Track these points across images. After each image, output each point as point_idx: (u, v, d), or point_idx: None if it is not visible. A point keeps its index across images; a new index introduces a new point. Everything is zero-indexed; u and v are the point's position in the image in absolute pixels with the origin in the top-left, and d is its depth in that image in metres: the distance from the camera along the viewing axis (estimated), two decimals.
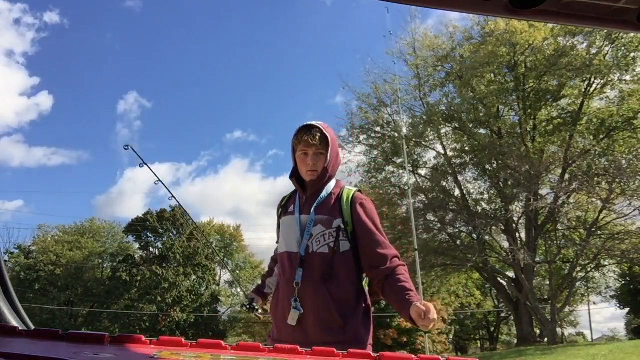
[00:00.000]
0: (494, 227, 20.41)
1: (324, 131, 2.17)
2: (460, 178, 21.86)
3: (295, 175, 2.29)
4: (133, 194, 56.85)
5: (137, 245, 36.87)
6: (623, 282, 27.36)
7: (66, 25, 51.23)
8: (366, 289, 2.16)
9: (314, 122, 2.19)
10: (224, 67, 59.56)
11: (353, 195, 2.21)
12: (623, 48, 18.23)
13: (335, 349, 0.94)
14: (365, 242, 2.11)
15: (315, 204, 2.17)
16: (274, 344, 1.41)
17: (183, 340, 0.87)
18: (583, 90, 19.50)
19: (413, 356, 0.94)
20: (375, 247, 2.11)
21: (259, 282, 2.42)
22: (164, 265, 34.26)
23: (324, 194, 2.21)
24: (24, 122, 54.30)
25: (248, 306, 2.29)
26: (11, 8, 50.11)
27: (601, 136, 18.97)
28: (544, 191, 19.71)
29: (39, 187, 56.21)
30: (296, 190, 2.31)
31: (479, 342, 39.30)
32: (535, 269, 20.83)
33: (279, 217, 2.32)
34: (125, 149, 3.11)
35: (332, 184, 2.24)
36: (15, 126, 55.80)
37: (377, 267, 2.07)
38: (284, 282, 2.12)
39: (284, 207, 2.30)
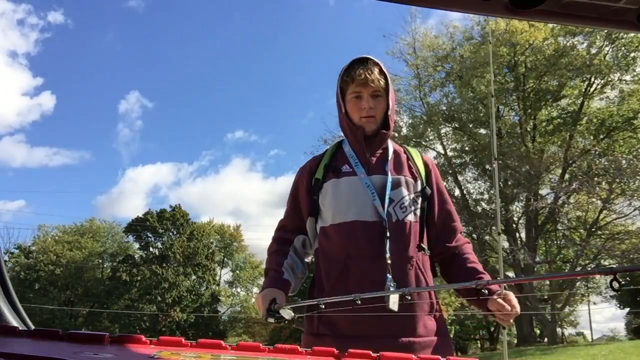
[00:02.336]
0: (494, 227, 20.40)
1: (382, 67, 1.78)
2: (460, 178, 21.88)
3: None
4: (134, 194, 56.87)
5: (137, 245, 36.90)
6: (623, 282, 27.32)
7: (70, 26, 51.28)
8: None
9: (367, 56, 1.79)
10: (225, 67, 59.61)
11: (422, 157, 1.88)
12: (623, 48, 18.23)
13: (335, 349, 0.94)
14: (440, 211, 1.80)
15: (388, 161, 1.77)
16: (344, 343, 1.30)
17: (183, 340, 0.87)
18: (583, 90, 19.51)
19: (413, 356, 0.94)
20: (448, 218, 1.81)
21: (269, 274, 1.76)
22: (164, 265, 34.26)
23: (391, 148, 1.82)
24: (26, 122, 54.32)
25: (274, 315, 1.53)
26: (15, 9, 50.17)
27: (601, 136, 18.97)
28: (544, 191, 19.72)
29: (40, 187, 56.26)
30: (339, 146, 1.87)
31: (479, 342, 39.32)
32: (535, 269, 20.83)
33: (322, 180, 1.79)
34: None
35: (389, 141, 1.84)
36: (17, 126, 55.91)
37: (444, 242, 1.77)
38: (358, 259, 1.64)
39: (332, 167, 1.80)
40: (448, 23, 27.56)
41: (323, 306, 1.42)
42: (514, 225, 20.59)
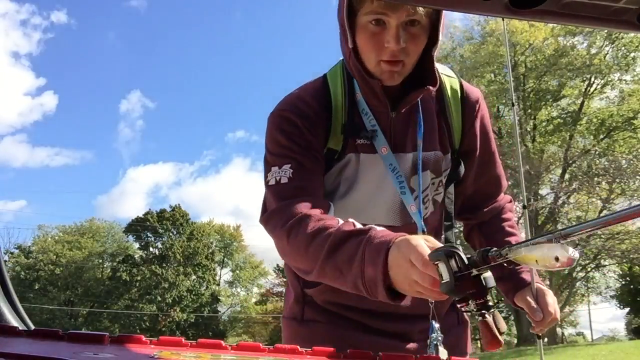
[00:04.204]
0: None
1: None
2: None
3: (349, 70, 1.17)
4: (135, 193, 56.90)
5: (137, 245, 36.92)
6: (623, 282, 27.35)
7: (73, 26, 51.32)
8: None
9: None
10: (226, 67, 59.61)
11: (463, 91, 1.23)
12: (623, 48, 18.25)
13: (335, 349, 0.94)
14: (476, 179, 1.29)
15: (417, 129, 1.18)
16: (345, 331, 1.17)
17: (183, 340, 0.87)
18: (583, 90, 19.51)
19: (413, 356, 0.94)
20: (488, 184, 1.32)
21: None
22: (164, 265, 34.27)
23: (418, 108, 1.19)
24: (27, 122, 54.36)
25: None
26: (19, 9, 50.26)
27: (601, 136, 18.98)
28: (544, 191, 19.73)
29: (41, 187, 56.27)
30: (351, 89, 1.19)
31: (479, 342, 39.38)
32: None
33: (341, 151, 1.18)
34: None
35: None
36: (19, 126, 55.97)
37: (481, 209, 1.32)
38: None
39: (351, 131, 1.16)
40: (448, 23, 27.55)
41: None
42: None
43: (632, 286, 26.63)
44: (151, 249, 35.91)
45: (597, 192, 17.35)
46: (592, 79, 19.16)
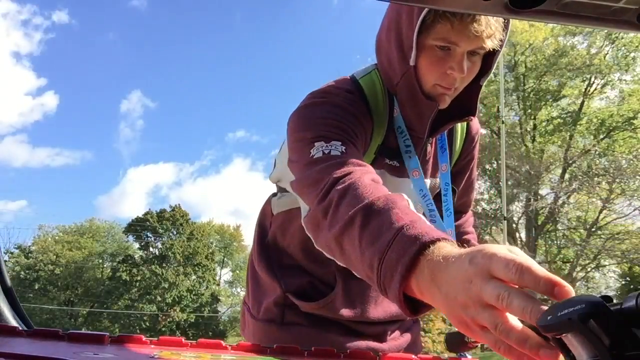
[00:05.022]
0: (494, 227, 20.41)
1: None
2: None
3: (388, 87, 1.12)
4: (135, 194, 56.89)
5: (137, 245, 36.92)
6: (623, 282, 27.37)
7: (74, 26, 51.32)
8: None
9: None
10: (227, 67, 59.58)
11: (468, 126, 1.27)
12: (623, 48, 18.24)
13: (334, 349, 0.94)
14: (461, 199, 1.39)
15: (447, 155, 1.19)
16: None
17: (183, 340, 0.87)
18: (583, 90, 19.51)
19: (413, 356, 0.94)
20: (468, 204, 1.44)
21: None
22: (164, 265, 34.27)
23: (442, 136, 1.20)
24: (28, 122, 54.37)
25: None
26: (20, 9, 50.27)
27: (601, 136, 18.97)
28: (544, 191, 19.73)
29: (42, 187, 56.26)
30: (390, 106, 1.12)
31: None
32: None
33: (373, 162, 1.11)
34: None
35: None
36: (19, 126, 55.92)
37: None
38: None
39: (386, 152, 1.12)
40: None
41: None
42: (514, 225, 20.59)
43: (632, 286, 26.62)
44: (151, 249, 35.91)
45: (597, 192, 17.34)
46: (592, 79, 19.15)
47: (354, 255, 0.74)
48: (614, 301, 0.47)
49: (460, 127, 1.24)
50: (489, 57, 1.07)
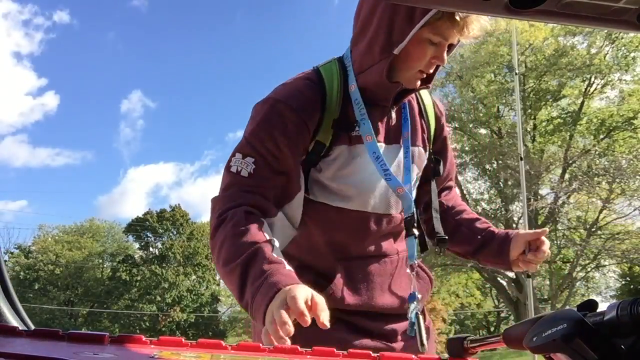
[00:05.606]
0: None
1: None
2: (460, 178, 21.87)
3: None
4: (135, 194, 56.94)
5: (136, 245, 36.92)
6: (623, 282, 27.37)
7: (75, 26, 51.36)
8: None
9: None
10: (227, 67, 59.61)
11: (433, 101, 1.42)
12: (623, 48, 18.24)
13: (335, 349, 0.94)
14: (450, 174, 1.49)
15: (405, 126, 1.29)
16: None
17: (183, 340, 0.87)
18: (583, 90, 19.51)
19: (413, 356, 0.94)
20: (452, 178, 1.52)
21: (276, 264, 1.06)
22: (164, 265, 34.27)
23: (405, 109, 1.31)
24: (28, 122, 54.40)
25: None
26: (21, 10, 50.32)
27: (601, 136, 18.97)
28: (544, 191, 19.73)
29: (42, 187, 56.30)
30: (345, 83, 1.23)
31: None
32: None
33: (330, 145, 1.21)
34: None
35: None
36: (20, 126, 55.97)
37: (441, 198, 1.46)
38: (367, 264, 1.26)
39: (343, 125, 1.21)
40: None
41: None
42: (514, 225, 20.59)
43: (632, 286, 26.63)
44: (151, 249, 35.92)
45: (597, 192, 17.34)
46: (592, 79, 19.15)
47: (235, 292, 1.05)
48: (598, 308, 0.49)
49: (428, 106, 1.37)
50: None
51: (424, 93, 1.38)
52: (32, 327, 1.03)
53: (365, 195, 1.23)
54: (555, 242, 20.51)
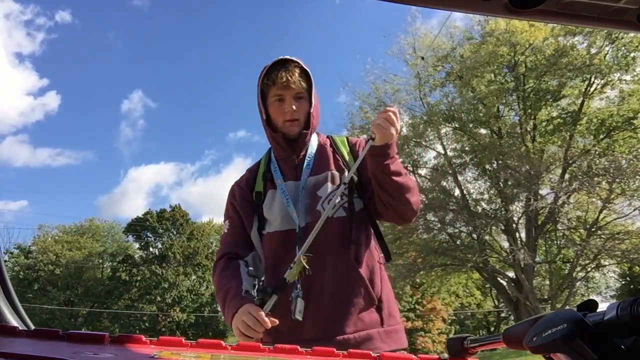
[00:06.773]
0: (494, 227, 20.42)
1: (304, 66, 1.71)
2: (460, 178, 21.86)
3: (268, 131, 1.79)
4: (136, 194, 56.94)
5: (136, 245, 36.90)
6: (623, 282, 27.37)
7: (77, 26, 51.38)
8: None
9: (287, 57, 1.72)
10: (228, 67, 59.62)
11: (348, 140, 1.85)
12: (623, 48, 18.23)
13: (335, 349, 0.94)
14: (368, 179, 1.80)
15: (311, 160, 1.75)
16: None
17: (183, 340, 0.87)
18: (583, 90, 19.50)
19: (413, 356, 0.94)
20: None
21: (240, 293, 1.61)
22: (164, 265, 34.26)
23: (311, 150, 1.77)
24: (29, 122, 54.43)
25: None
26: (23, 10, 50.34)
27: (601, 136, 18.97)
28: (544, 191, 19.72)
29: (43, 187, 56.31)
30: (270, 152, 1.83)
31: None
32: (535, 269, 20.83)
33: (264, 192, 1.75)
34: None
35: (315, 137, 1.81)
36: (20, 126, 55.97)
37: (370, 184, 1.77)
38: (278, 268, 1.64)
39: (269, 177, 1.77)
40: (448, 23, 27.53)
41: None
42: (514, 225, 20.59)
43: (632, 286, 26.64)
44: (151, 249, 35.90)
45: (597, 192, 17.33)
46: (592, 79, 19.13)
47: (221, 309, 1.64)
48: (598, 308, 0.50)
49: (340, 143, 1.83)
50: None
51: (341, 140, 1.85)
52: (32, 327, 1.03)
53: (279, 220, 1.72)
54: (555, 242, 20.52)
